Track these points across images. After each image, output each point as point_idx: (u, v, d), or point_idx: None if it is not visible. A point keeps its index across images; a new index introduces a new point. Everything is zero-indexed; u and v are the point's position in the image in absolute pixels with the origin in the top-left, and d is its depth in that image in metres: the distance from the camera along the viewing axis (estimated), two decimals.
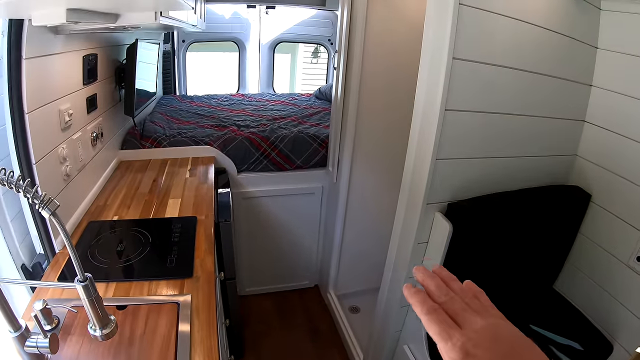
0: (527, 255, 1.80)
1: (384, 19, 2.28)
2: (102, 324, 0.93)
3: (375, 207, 2.77)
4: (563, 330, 1.69)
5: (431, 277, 0.50)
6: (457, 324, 0.44)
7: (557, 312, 1.82)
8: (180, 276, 1.39)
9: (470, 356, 0.40)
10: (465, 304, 0.46)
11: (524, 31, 1.49)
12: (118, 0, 1.12)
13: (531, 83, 1.58)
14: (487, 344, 0.41)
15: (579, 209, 1.79)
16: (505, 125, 1.60)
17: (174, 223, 1.73)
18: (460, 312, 0.45)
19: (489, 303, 0.48)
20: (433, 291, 0.48)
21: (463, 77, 1.44)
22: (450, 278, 0.51)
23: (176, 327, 1.16)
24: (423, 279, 0.50)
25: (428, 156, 1.52)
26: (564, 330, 1.69)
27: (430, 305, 0.46)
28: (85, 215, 1.77)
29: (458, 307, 0.45)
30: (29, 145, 1.32)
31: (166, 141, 2.61)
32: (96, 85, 1.95)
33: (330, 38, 4.88)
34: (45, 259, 1.49)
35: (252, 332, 2.83)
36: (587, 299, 1.80)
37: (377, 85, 2.42)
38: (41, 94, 1.39)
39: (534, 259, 1.83)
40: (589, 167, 1.77)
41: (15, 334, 0.93)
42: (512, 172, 1.70)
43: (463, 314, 0.44)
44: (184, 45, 4.47)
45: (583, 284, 1.82)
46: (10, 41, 1.21)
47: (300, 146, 2.77)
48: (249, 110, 3.63)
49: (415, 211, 1.64)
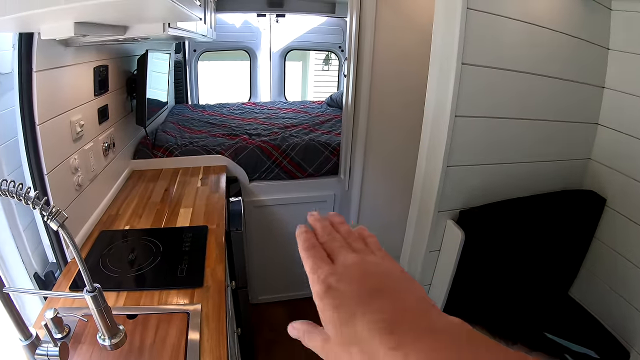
0: (541, 261, 1.78)
1: (393, 25, 2.28)
2: (111, 334, 0.93)
3: (387, 215, 2.76)
4: (578, 337, 1.66)
5: (321, 220, 0.50)
6: (332, 260, 0.42)
7: (572, 319, 1.79)
8: (191, 286, 1.39)
9: (332, 289, 0.38)
10: (347, 244, 0.45)
11: (533, 34, 1.47)
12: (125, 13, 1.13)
13: (542, 87, 1.57)
14: (353, 279, 0.39)
15: (593, 213, 1.76)
16: (516, 131, 1.59)
17: (185, 232, 1.74)
18: (337, 249, 0.44)
19: (376, 246, 0.46)
20: (318, 231, 0.48)
21: (473, 82, 1.43)
22: (340, 222, 0.50)
23: (186, 336, 1.16)
24: (313, 222, 0.50)
25: (439, 163, 1.51)
26: (580, 337, 1.66)
27: (311, 242, 0.45)
28: (97, 224, 1.79)
29: (337, 245, 0.44)
30: (40, 157, 1.33)
31: (178, 150, 2.63)
32: (107, 96, 1.98)
33: (341, 45, 4.89)
34: (57, 267, 1.50)
35: (264, 340, 2.82)
36: (602, 306, 1.76)
37: (387, 92, 2.41)
38: (52, 105, 1.41)
39: (549, 265, 1.81)
40: (603, 171, 1.74)
41: (26, 342, 0.94)
42: (524, 178, 1.68)
43: (339, 251, 0.43)
44: (196, 54, 4.51)
45: (599, 290, 1.79)
46: (20, 54, 1.23)
47: (312, 154, 2.77)
48: (261, 119, 3.64)
49: (426, 219, 1.63)
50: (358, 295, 0.37)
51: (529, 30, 1.46)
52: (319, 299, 0.39)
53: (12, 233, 1.36)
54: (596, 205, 1.75)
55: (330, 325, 0.37)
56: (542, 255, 1.77)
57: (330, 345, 0.37)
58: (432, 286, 1.77)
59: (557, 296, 1.91)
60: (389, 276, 0.40)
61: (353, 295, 0.37)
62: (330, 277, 0.39)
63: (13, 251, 1.37)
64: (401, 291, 0.38)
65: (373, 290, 0.37)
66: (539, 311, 1.80)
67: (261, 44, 4.74)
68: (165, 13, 1.25)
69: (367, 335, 0.34)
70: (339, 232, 0.48)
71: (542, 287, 1.86)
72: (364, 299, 0.36)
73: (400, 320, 0.34)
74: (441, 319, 0.34)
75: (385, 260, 0.43)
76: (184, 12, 1.17)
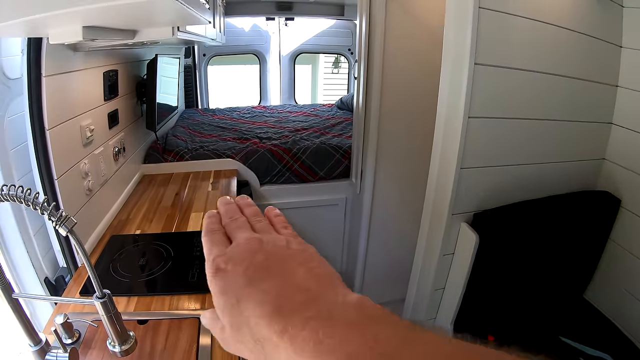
0: (556, 264, 1.75)
1: (403, 26, 2.25)
2: (121, 340, 0.92)
3: (400, 218, 2.73)
4: (593, 341, 1.62)
5: (227, 203, 0.47)
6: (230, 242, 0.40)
7: (587, 322, 1.75)
8: (202, 291, 1.38)
9: (220, 271, 0.36)
10: (250, 225, 0.42)
11: (546, 32, 1.45)
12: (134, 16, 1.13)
13: (555, 86, 1.54)
14: (241, 258, 0.36)
15: (608, 214, 1.73)
16: (530, 131, 1.56)
17: (196, 237, 1.73)
18: (234, 230, 0.41)
19: (281, 225, 0.43)
20: (222, 214, 0.45)
21: (486, 82, 1.41)
22: (248, 204, 0.47)
23: (197, 341, 1.14)
24: (219, 205, 0.47)
25: (452, 165, 1.49)
26: (595, 341, 1.63)
27: (211, 226, 0.43)
28: (108, 229, 1.78)
29: (234, 227, 0.42)
30: (50, 161, 1.33)
31: (188, 155, 2.63)
32: (117, 100, 1.98)
33: (350, 47, 4.88)
34: (68, 272, 1.49)
35: None
36: (618, 308, 1.73)
37: (398, 93, 2.39)
38: (62, 110, 1.41)
39: (563, 267, 1.77)
40: (618, 171, 1.71)
41: (35, 348, 0.93)
42: (538, 179, 1.65)
43: (236, 232, 0.41)
44: (205, 59, 4.52)
45: (614, 292, 1.75)
46: (29, 59, 1.23)
47: (323, 157, 2.76)
48: (271, 122, 3.64)
49: (440, 222, 1.61)
50: (244, 276, 0.34)
51: (540, 28, 1.44)
52: (209, 283, 0.36)
53: (23, 238, 1.36)
54: (611, 206, 1.71)
55: (220, 312, 0.35)
56: (557, 257, 1.74)
57: (225, 335, 0.35)
58: (446, 290, 1.75)
59: (571, 299, 1.88)
60: (283, 255, 0.37)
61: (238, 277, 0.35)
62: (219, 258, 0.37)
63: (23, 256, 1.37)
64: (293, 271, 0.35)
65: (260, 270, 0.35)
66: (554, 314, 1.77)
67: (270, 48, 4.75)
68: (174, 16, 1.24)
69: (254, 321, 0.32)
70: (244, 214, 0.45)
71: (556, 290, 1.83)
72: (251, 280, 0.34)
73: (287, 302, 0.31)
74: (337, 299, 0.32)
75: (288, 238, 0.40)
76: (193, 15, 1.16)
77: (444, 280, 1.73)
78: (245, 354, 0.34)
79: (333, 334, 0.28)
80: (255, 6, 4.16)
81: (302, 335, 0.28)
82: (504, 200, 1.60)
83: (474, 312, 1.70)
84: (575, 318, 1.79)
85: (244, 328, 0.33)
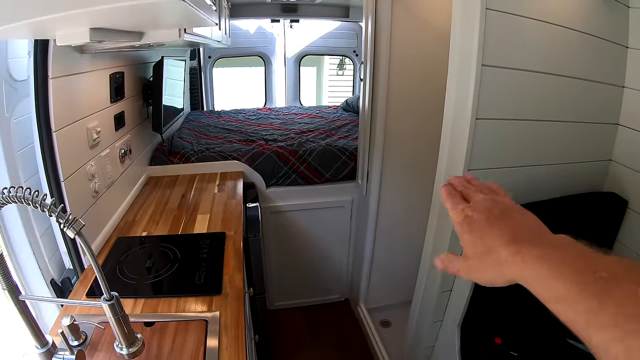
0: None
1: (409, 28, 2.25)
2: (129, 342, 0.92)
3: (406, 220, 2.72)
4: None
5: (457, 177, 0.63)
6: (467, 202, 0.55)
7: None
8: (209, 293, 1.38)
9: (467, 218, 0.52)
10: (479, 191, 0.57)
11: (552, 33, 1.44)
12: (140, 19, 1.12)
13: (562, 87, 1.53)
14: (483, 209, 0.52)
15: (615, 216, 1.71)
16: (537, 132, 1.55)
17: (202, 239, 1.73)
18: (471, 193, 0.57)
19: (502, 192, 0.58)
20: (455, 184, 0.60)
21: (493, 84, 1.39)
22: (473, 178, 0.62)
23: (204, 344, 1.14)
24: (451, 179, 0.63)
25: (459, 167, 1.48)
26: None
27: (450, 191, 0.59)
28: (114, 230, 1.78)
29: (470, 192, 0.57)
30: (57, 163, 1.33)
31: (194, 157, 2.63)
32: (124, 102, 1.98)
33: (355, 49, 4.88)
34: (74, 274, 1.49)
35: (282, 346, 2.80)
36: None
37: (405, 95, 2.38)
38: (68, 112, 1.41)
39: None
40: (625, 172, 1.69)
41: (42, 350, 0.93)
42: (545, 181, 1.64)
43: (473, 195, 0.56)
44: (210, 61, 4.53)
45: None
46: (36, 61, 1.24)
47: (329, 159, 2.75)
48: (277, 124, 3.64)
49: (447, 223, 1.60)
50: (487, 220, 0.50)
51: (547, 29, 1.43)
52: (459, 226, 0.53)
53: (29, 239, 1.36)
54: (618, 208, 1.70)
55: (468, 245, 0.51)
56: None
57: (469, 262, 0.51)
58: (453, 292, 1.73)
59: None
60: (511, 208, 0.53)
61: (483, 220, 0.50)
62: (466, 209, 0.53)
63: (30, 257, 1.37)
64: (522, 219, 0.51)
65: (499, 217, 0.50)
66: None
67: (276, 50, 4.75)
68: (181, 17, 1.24)
69: (496, 247, 0.47)
70: (472, 185, 0.60)
71: None
72: (492, 222, 0.50)
73: (520, 235, 0.47)
74: (551, 236, 0.48)
75: (508, 199, 0.56)
76: (199, 16, 1.16)
77: (451, 282, 1.72)
78: (486, 274, 0.49)
79: (554, 253, 0.42)
80: (260, 8, 4.17)
81: (531, 253, 0.44)
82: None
83: (481, 314, 1.69)
84: None
85: (486, 255, 0.48)
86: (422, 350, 1.93)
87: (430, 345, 1.91)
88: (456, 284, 1.71)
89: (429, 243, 1.74)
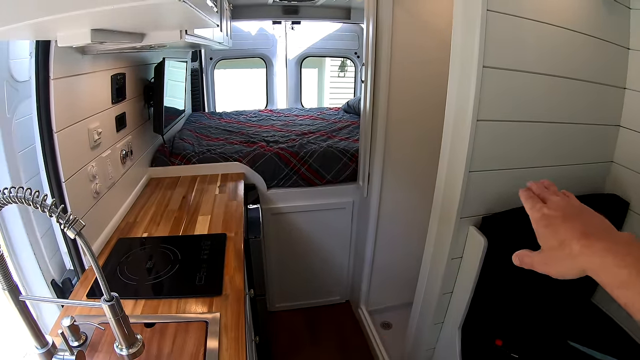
0: None
1: (410, 29, 2.25)
2: (129, 343, 0.92)
3: (407, 222, 2.71)
4: (602, 345, 1.60)
5: (536, 183, 0.70)
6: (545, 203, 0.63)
7: (596, 326, 1.73)
8: (209, 294, 1.38)
9: (544, 215, 0.60)
10: (554, 194, 0.65)
11: (553, 35, 1.44)
12: (141, 20, 1.13)
13: (563, 89, 1.52)
14: (560, 209, 0.60)
15: (616, 218, 1.71)
16: (538, 134, 1.55)
17: (203, 240, 1.73)
18: (548, 195, 0.65)
19: (574, 197, 0.65)
20: (534, 189, 0.68)
21: (494, 85, 1.39)
22: (550, 184, 0.69)
23: (204, 345, 1.14)
24: (530, 184, 0.71)
25: (461, 168, 1.47)
26: (604, 345, 1.60)
27: (529, 194, 0.67)
28: (115, 232, 1.79)
29: (547, 194, 0.65)
30: (58, 164, 1.33)
31: (195, 158, 2.63)
32: (125, 103, 1.98)
33: (357, 51, 4.88)
34: (75, 275, 1.50)
35: (283, 348, 2.80)
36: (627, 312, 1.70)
37: (406, 97, 2.38)
38: (70, 113, 1.41)
39: None
40: (626, 174, 1.69)
41: (42, 351, 0.93)
42: None
43: (549, 197, 0.64)
44: (212, 62, 4.53)
45: None
46: (37, 62, 1.24)
47: (330, 161, 2.75)
48: (278, 126, 3.64)
49: (448, 225, 1.59)
50: (562, 217, 0.58)
51: (548, 31, 1.43)
52: (536, 223, 0.61)
53: (30, 240, 1.36)
54: (619, 210, 1.69)
55: (543, 239, 0.59)
56: None
57: (543, 254, 0.59)
58: (454, 294, 1.73)
59: (580, 303, 1.86)
60: (583, 209, 0.61)
61: (558, 217, 0.59)
62: (543, 208, 0.61)
63: (30, 258, 1.37)
64: (591, 218, 0.59)
65: (572, 215, 0.58)
66: (562, 318, 1.75)
67: (277, 52, 4.76)
68: (182, 19, 1.25)
69: (568, 240, 0.55)
70: (548, 189, 0.68)
71: (565, 294, 1.81)
72: (566, 219, 0.58)
73: (590, 231, 0.54)
74: (617, 234, 0.54)
75: (581, 203, 0.63)
76: (201, 17, 1.16)
77: (452, 284, 1.72)
78: (559, 266, 0.56)
79: (620, 246, 0.51)
80: (261, 10, 4.17)
81: (600, 245, 0.52)
82: (514, 204, 1.59)
83: (482, 316, 1.69)
84: (584, 322, 1.77)
85: (559, 248, 0.56)
86: (423, 352, 1.93)
87: (431, 347, 1.91)
88: (457, 286, 1.71)
89: (429, 245, 1.74)
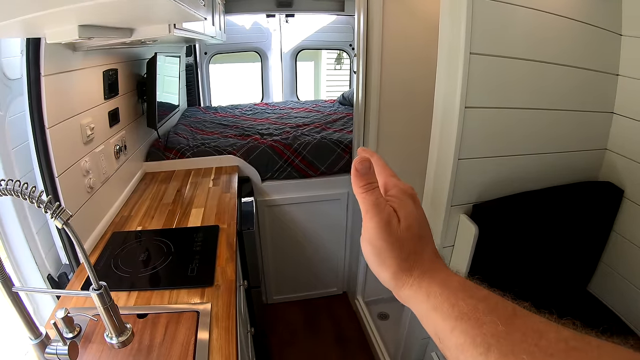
0: (558, 256, 1.74)
1: (401, 19, 2.25)
2: (118, 332, 0.94)
3: None
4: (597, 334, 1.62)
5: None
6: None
7: (591, 315, 1.74)
8: (201, 285, 1.40)
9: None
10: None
11: (543, 21, 1.44)
12: (127, 14, 1.14)
13: (554, 75, 1.53)
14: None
15: (611, 205, 1.72)
16: (529, 121, 1.56)
17: (196, 232, 1.75)
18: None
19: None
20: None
21: (482, 72, 1.40)
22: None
23: (195, 334, 1.16)
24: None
25: (450, 156, 1.49)
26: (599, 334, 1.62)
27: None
28: (110, 225, 1.80)
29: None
30: (50, 159, 1.35)
31: (190, 152, 2.65)
32: (118, 99, 2.00)
33: (352, 43, 4.87)
34: (70, 269, 1.51)
35: (279, 340, 2.83)
36: (622, 301, 1.72)
37: (397, 87, 2.39)
38: (62, 109, 1.43)
39: (566, 259, 1.77)
40: (620, 161, 1.70)
41: (35, 341, 0.95)
42: (539, 170, 1.65)
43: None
44: (207, 57, 4.53)
45: (618, 284, 1.74)
46: (28, 59, 1.25)
47: (324, 152, 2.76)
48: (273, 119, 3.65)
49: (439, 214, 1.61)
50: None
51: (538, 17, 1.43)
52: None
53: (25, 235, 1.38)
54: (613, 197, 1.70)
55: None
56: (559, 249, 1.73)
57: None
58: None
59: (575, 291, 1.87)
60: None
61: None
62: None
63: (26, 253, 1.39)
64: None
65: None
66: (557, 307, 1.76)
67: (272, 45, 4.75)
68: (169, 13, 1.26)
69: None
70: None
71: (559, 282, 1.82)
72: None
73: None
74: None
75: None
76: (187, 11, 1.17)
77: None
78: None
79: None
80: (255, 3, 4.16)
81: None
82: (504, 192, 1.60)
83: None
84: (579, 311, 1.78)
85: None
86: (418, 342, 1.95)
87: (426, 337, 1.93)
88: None
89: None
